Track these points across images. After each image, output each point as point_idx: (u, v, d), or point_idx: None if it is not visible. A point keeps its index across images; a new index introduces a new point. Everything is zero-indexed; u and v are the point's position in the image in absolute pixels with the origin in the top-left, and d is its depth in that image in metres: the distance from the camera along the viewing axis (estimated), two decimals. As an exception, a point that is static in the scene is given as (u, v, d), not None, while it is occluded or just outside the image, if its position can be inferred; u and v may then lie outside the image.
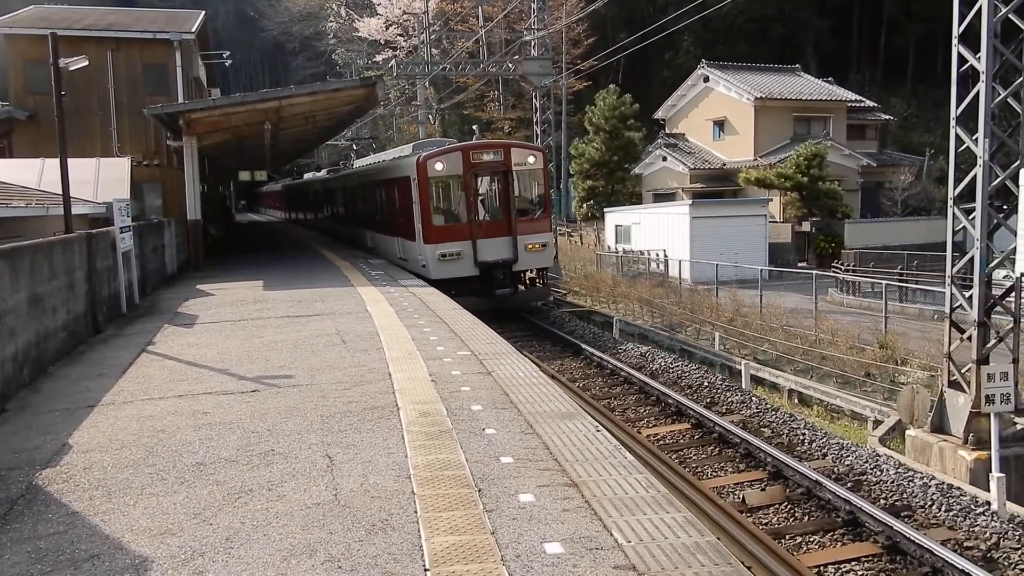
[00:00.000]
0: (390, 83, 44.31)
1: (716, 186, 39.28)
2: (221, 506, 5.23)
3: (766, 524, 9.33)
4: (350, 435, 6.59)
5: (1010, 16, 11.03)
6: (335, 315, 12.64)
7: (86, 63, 14.55)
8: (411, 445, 6.27)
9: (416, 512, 5.02)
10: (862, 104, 43.83)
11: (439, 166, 19.43)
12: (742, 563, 7.94)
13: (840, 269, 27.54)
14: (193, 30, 26.92)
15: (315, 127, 30.58)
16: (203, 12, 31.05)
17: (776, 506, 9.76)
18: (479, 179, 19.82)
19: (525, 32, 31.71)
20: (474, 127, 24.09)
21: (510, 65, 30.96)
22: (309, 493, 5.39)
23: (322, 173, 40.57)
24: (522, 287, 20.96)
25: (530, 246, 20.10)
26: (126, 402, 7.89)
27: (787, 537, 8.94)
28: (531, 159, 20.36)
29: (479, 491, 5.32)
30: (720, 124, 41.62)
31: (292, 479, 5.65)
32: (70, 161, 13.48)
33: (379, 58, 46.01)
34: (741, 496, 9.98)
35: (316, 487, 5.49)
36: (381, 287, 16.11)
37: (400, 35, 46.08)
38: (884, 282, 20.99)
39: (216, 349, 10.31)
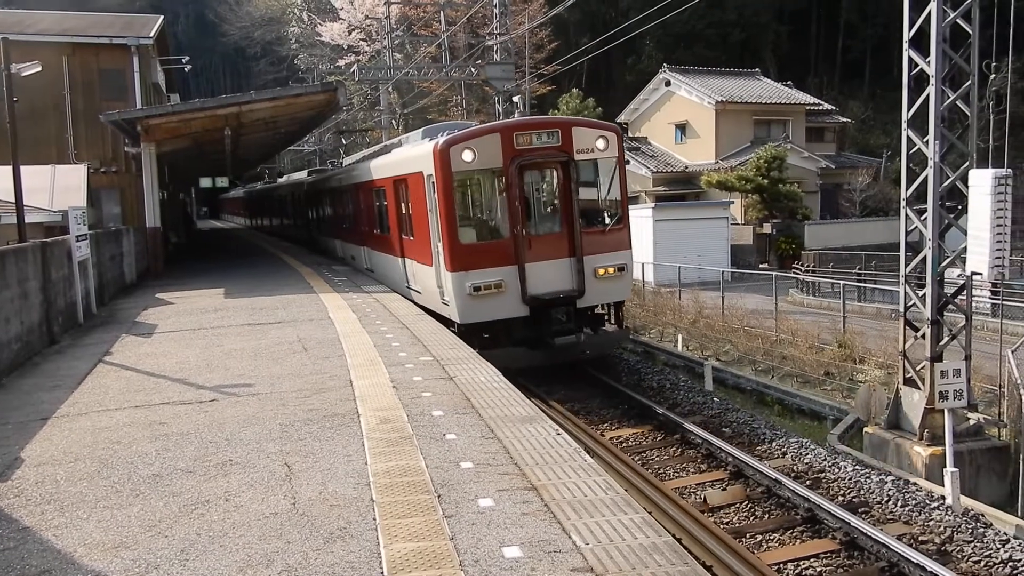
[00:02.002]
0: (353, 88, 44.11)
1: (679, 189, 39.64)
2: (177, 518, 5.17)
3: (727, 523, 9.44)
4: (310, 443, 6.55)
5: (958, 21, 11.30)
6: (297, 322, 12.55)
7: (39, 69, 14.33)
8: (371, 452, 6.25)
9: (375, 519, 5.00)
10: (820, 107, 44.57)
11: (468, 155, 13.46)
12: (703, 563, 8.07)
13: (800, 270, 27.95)
14: (151, 35, 26.59)
15: (277, 133, 30.34)
16: (162, 17, 30.72)
17: (737, 505, 9.87)
18: (527, 173, 13.96)
19: (488, 37, 31.77)
20: (513, 98, 16.56)
21: (473, 70, 30.98)
22: (267, 503, 5.35)
23: (299, 176, 36.51)
24: (588, 329, 14.74)
25: (602, 271, 14.13)
26: (81, 414, 7.77)
27: (748, 536, 9.05)
28: (600, 143, 14.23)
29: (439, 497, 5.32)
30: (682, 127, 42.04)
31: (250, 489, 5.61)
32: (24, 168, 13.24)
33: (342, 63, 45.78)
34: (703, 496, 10.08)
35: (274, 496, 5.45)
36: (344, 293, 16.02)
37: (363, 40, 45.90)
38: (842, 282, 21.35)
39: (175, 358, 10.18)
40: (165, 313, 14.33)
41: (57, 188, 18.97)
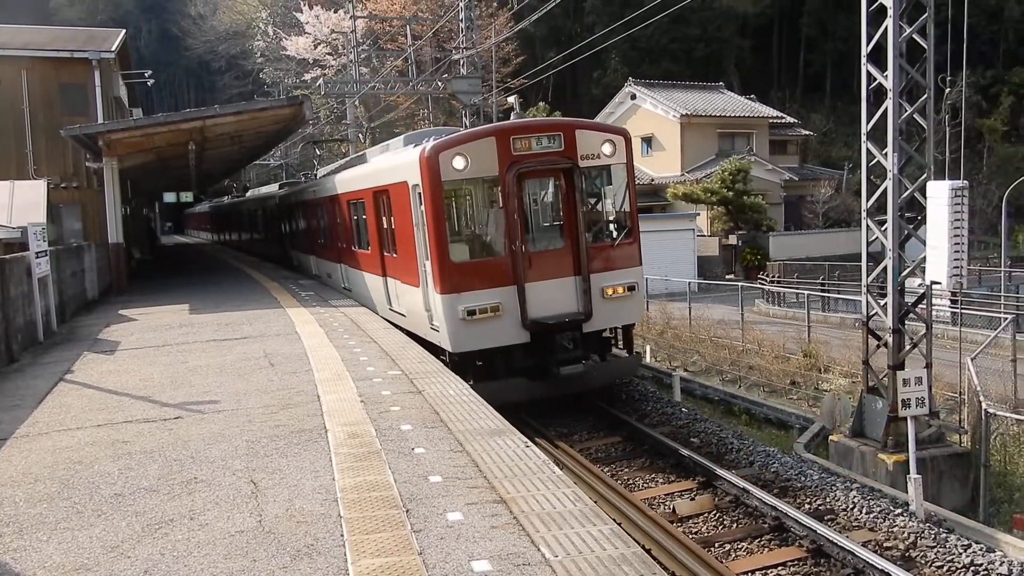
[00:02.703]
0: (319, 102, 43.95)
1: (645, 201, 39.89)
2: (140, 538, 5.08)
3: (696, 533, 9.49)
4: (276, 460, 6.48)
5: (914, 36, 11.58)
6: (263, 337, 12.43)
7: (-3, 83, 14.07)
8: (339, 467, 6.20)
9: (343, 535, 4.96)
10: (783, 120, 45.32)
11: (459, 162, 12.25)
12: (672, 573, 8.10)
13: (765, 280, 28.30)
14: (113, 49, 26.28)
15: (242, 147, 30.09)
16: (124, 31, 30.35)
17: (706, 515, 9.93)
18: (526, 182, 12.76)
19: (454, 51, 31.89)
20: (509, 99, 14.86)
21: (439, 83, 31.06)
22: (233, 521, 5.28)
23: (270, 188, 34.81)
24: (596, 356, 13.59)
25: (610, 290, 12.92)
26: (41, 434, 7.61)
27: (716, 545, 9.10)
28: (607, 147, 13.02)
29: (407, 511, 5.29)
30: (648, 140, 42.47)
31: (215, 507, 5.53)
32: (-19, 184, 13.00)
33: (308, 77, 45.57)
34: (672, 507, 10.12)
35: (240, 514, 5.38)
36: (311, 308, 15.90)
37: (329, 54, 45.77)
38: (807, 292, 21.65)
39: (138, 376, 10.03)
40: (128, 330, 14.11)
41: (16, 204, 18.63)
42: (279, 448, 6.78)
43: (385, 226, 14.91)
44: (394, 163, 14.36)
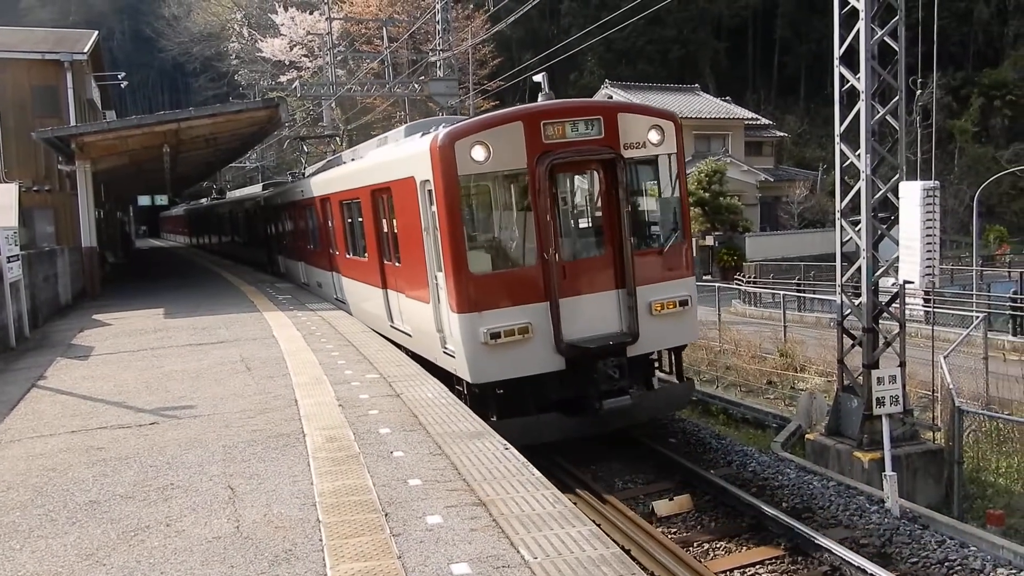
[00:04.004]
0: (295, 104, 43.71)
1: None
2: (115, 545, 5.03)
3: (675, 533, 9.53)
4: (254, 465, 6.44)
5: (885, 39, 11.72)
6: (240, 342, 12.34)
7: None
8: (317, 472, 6.17)
9: (321, 540, 4.94)
10: (758, 122, 45.71)
11: (479, 153, 10.18)
12: (652, 573, 8.14)
13: (742, 281, 28.51)
14: (85, 50, 26.03)
15: (217, 149, 29.86)
16: (96, 32, 30.09)
17: (684, 515, 9.98)
18: (559, 177, 10.78)
19: (431, 53, 31.85)
20: (535, 77, 12.31)
21: (416, 86, 31.00)
22: (210, 527, 5.24)
23: (252, 189, 33.19)
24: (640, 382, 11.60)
25: (659, 306, 10.97)
26: (13, 440, 7.51)
27: (695, 545, 9.15)
28: (654, 134, 11.00)
29: (386, 515, 5.27)
30: (625, 142, 42.59)
31: (192, 513, 5.48)
32: (-50, 188, 12.81)
33: (283, 79, 45.28)
34: (651, 507, 10.16)
35: (217, 520, 5.34)
36: (288, 311, 15.80)
37: (305, 56, 45.50)
38: (783, 293, 21.83)
39: (113, 381, 9.92)
40: (102, 335, 13.95)
41: (-13, 208, 18.36)
42: (256, 453, 6.74)
43: (386, 230, 13.00)
44: (397, 156, 12.28)
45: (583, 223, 11.32)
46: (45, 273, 17.44)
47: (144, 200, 36.16)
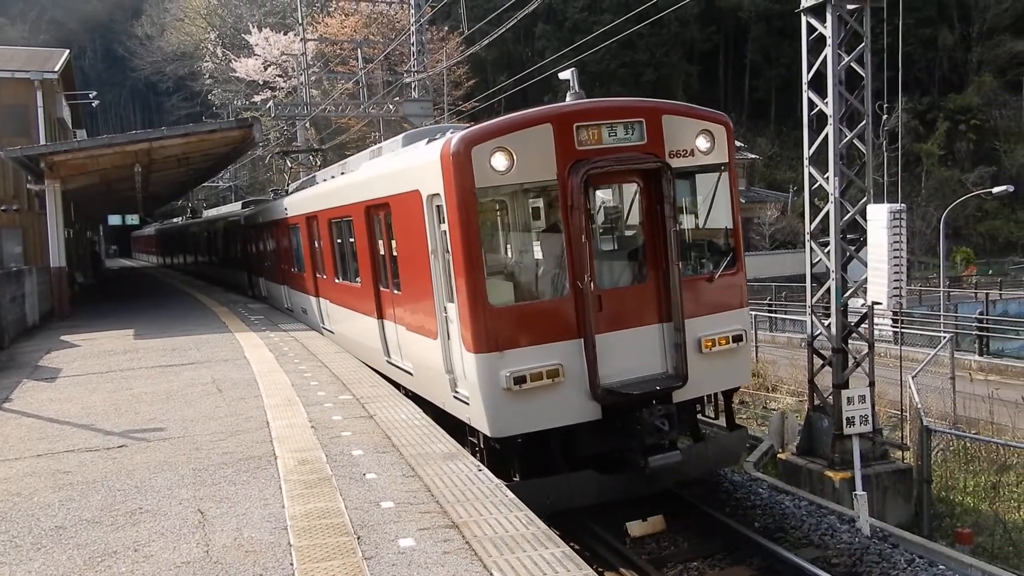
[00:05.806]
0: (269, 124, 43.59)
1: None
2: (82, 571, 4.95)
3: (649, 554, 9.53)
4: (224, 488, 6.37)
5: (852, 65, 11.97)
6: (211, 363, 12.22)
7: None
8: (288, 495, 6.12)
9: (292, 564, 4.89)
10: (730, 144, 46.23)
11: (501, 161, 8.47)
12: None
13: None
14: (56, 69, 25.85)
15: (190, 169, 29.64)
16: (68, 51, 29.88)
17: (658, 535, 9.99)
18: (594, 190, 9.32)
19: (405, 74, 31.98)
20: (562, 74, 10.70)
21: (391, 106, 31.07)
22: (179, 551, 5.17)
23: (231, 208, 31.78)
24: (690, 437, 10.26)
25: (709, 342, 9.20)
26: (-23, 465, 7.37)
27: (669, 565, 9.16)
28: (703, 141, 9.35)
29: (358, 538, 5.24)
30: (599, 164, 42.88)
31: (161, 538, 5.41)
32: (-85, 208, 12.62)
33: (257, 99, 45.19)
34: (624, 527, 10.16)
35: (186, 544, 5.28)
36: (260, 332, 15.68)
37: (279, 76, 45.48)
38: (754, 313, 22.03)
39: (81, 404, 9.78)
40: (70, 356, 13.75)
41: (-47, 227, 18.11)
42: (227, 476, 6.66)
43: (383, 252, 11.30)
44: (397, 167, 10.54)
45: (622, 245, 9.68)
46: (12, 294, 17.18)
47: (115, 219, 35.78)
